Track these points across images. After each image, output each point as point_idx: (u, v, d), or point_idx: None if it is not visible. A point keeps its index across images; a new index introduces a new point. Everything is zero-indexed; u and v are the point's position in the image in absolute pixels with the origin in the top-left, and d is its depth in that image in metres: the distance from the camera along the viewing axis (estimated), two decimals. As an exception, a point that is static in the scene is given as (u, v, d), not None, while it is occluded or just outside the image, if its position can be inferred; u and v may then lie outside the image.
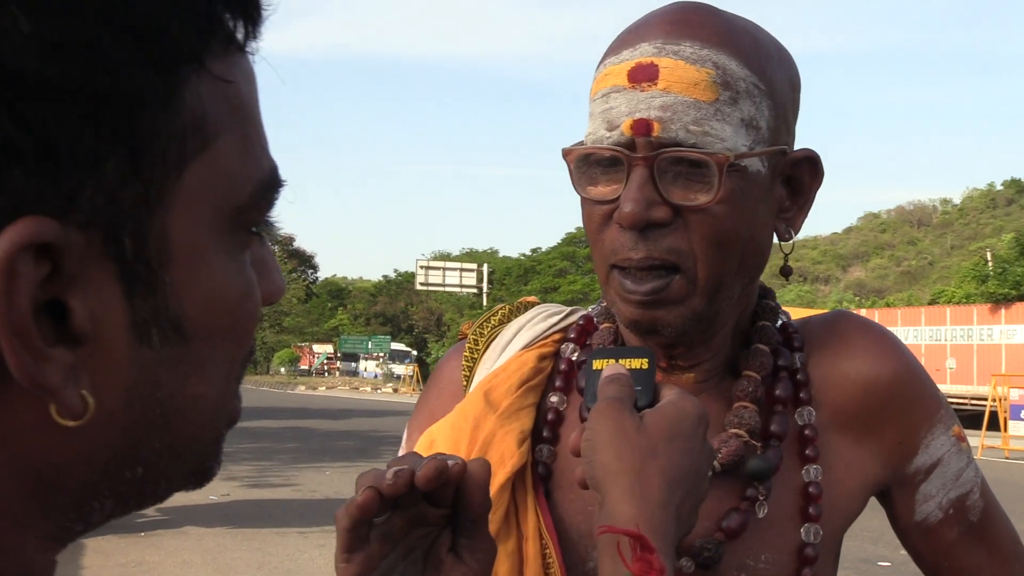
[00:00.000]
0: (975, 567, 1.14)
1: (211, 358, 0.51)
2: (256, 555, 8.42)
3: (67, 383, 0.44)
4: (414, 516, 0.85)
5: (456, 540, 0.85)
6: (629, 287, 1.00)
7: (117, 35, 0.44)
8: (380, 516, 0.84)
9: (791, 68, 1.07)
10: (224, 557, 8.33)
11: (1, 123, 0.41)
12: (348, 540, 0.83)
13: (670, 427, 0.89)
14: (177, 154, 0.47)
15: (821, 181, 1.09)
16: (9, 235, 0.41)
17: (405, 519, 0.85)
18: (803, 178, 1.08)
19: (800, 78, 1.09)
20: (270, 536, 9.12)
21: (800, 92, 1.09)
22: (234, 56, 0.51)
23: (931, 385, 1.15)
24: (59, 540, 0.50)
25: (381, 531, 0.84)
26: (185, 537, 9.00)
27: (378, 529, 0.84)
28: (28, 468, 0.46)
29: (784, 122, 1.04)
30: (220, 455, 0.55)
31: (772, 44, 1.05)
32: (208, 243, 0.49)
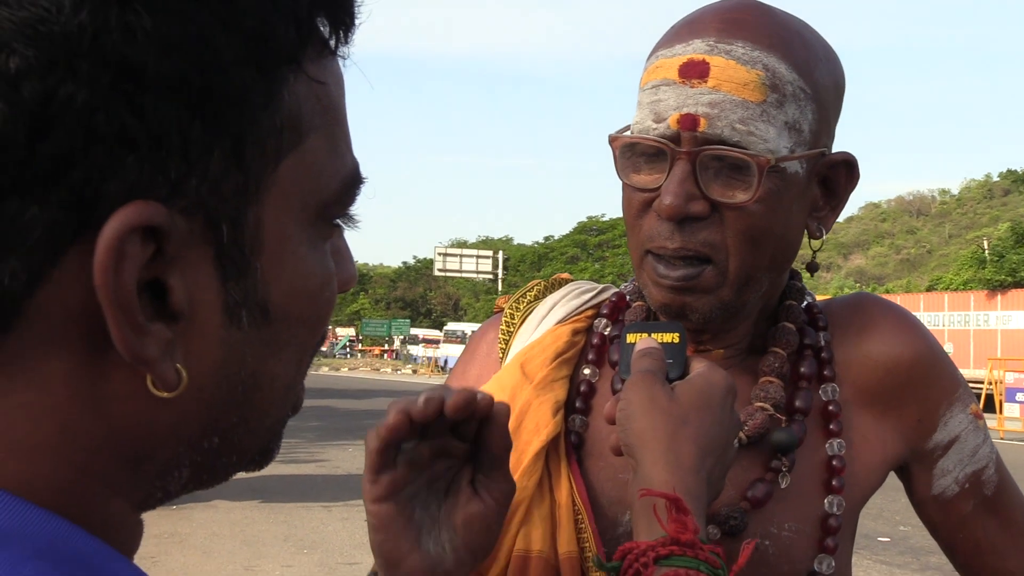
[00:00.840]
0: (989, 539, 1.13)
1: (289, 341, 0.52)
2: (282, 527, 8.46)
3: (164, 357, 0.45)
4: (439, 447, 0.85)
5: (476, 476, 0.86)
6: (662, 272, 0.99)
7: (228, 36, 0.45)
8: (408, 442, 0.84)
9: (837, 70, 1.06)
10: (252, 529, 8.38)
11: (120, 113, 0.42)
12: (375, 461, 0.84)
13: (700, 398, 0.90)
14: (274, 149, 0.48)
15: (856, 183, 1.08)
16: (120, 217, 0.42)
17: (431, 449, 0.85)
18: (839, 180, 1.07)
19: (845, 80, 1.08)
20: (295, 510, 9.17)
21: (844, 94, 1.08)
22: (327, 59, 0.52)
23: (950, 365, 1.14)
24: (142, 506, 0.51)
25: (407, 457, 0.84)
26: (215, 510, 9.06)
27: (405, 455, 0.84)
28: (123, 436, 0.47)
29: (826, 125, 1.04)
30: (280, 439, 0.57)
31: (821, 46, 1.04)
32: (295, 233, 0.50)
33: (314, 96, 0.50)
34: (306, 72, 0.49)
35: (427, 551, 0.84)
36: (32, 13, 0.41)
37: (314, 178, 0.51)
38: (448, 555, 0.84)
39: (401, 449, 0.84)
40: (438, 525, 0.85)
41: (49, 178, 0.42)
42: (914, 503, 1.16)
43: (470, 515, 0.85)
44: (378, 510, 0.83)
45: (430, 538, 0.84)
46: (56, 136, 0.41)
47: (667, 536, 0.81)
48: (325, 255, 0.54)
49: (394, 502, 0.83)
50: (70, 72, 0.41)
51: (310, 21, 0.49)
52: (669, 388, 0.90)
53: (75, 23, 0.41)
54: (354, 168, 0.54)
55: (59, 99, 0.41)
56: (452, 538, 0.85)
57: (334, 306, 0.55)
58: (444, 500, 0.86)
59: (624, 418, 0.89)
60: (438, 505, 0.86)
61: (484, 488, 0.86)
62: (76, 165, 0.42)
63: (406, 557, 0.83)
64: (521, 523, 1.01)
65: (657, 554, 0.80)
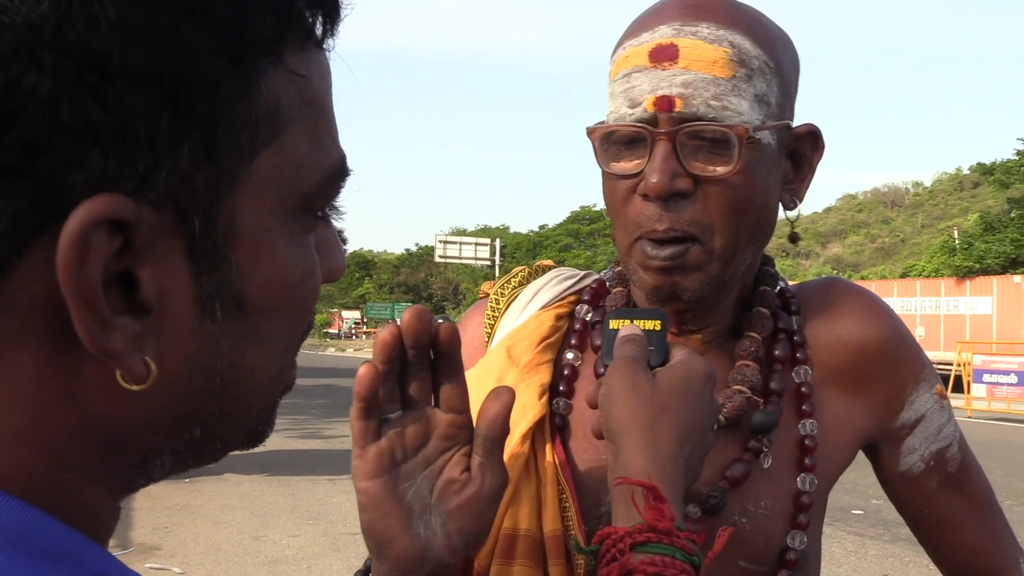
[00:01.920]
0: (952, 514, 1.13)
1: (270, 332, 0.50)
2: (289, 500, 8.48)
3: (131, 350, 0.44)
4: (424, 419, 0.82)
5: (472, 460, 0.83)
6: (650, 252, 0.98)
7: (199, 26, 0.43)
8: (391, 411, 0.81)
9: (793, 50, 1.05)
10: (260, 501, 8.40)
11: (85, 104, 0.40)
12: (360, 429, 0.80)
13: (680, 385, 0.88)
14: (249, 142, 0.46)
15: (822, 153, 1.08)
16: (84, 210, 0.41)
17: (416, 421, 0.82)
18: (805, 151, 1.07)
19: (799, 59, 1.08)
20: (302, 483, 9.19)
21: (800, 72, 1.08)
22: (311, 51, 0.50)
23: (916, 347, 1.14)
24: (123, 491, 0.50)
25: (393, 429, 0.81)
26: (225, 483, 9.08)
27: (390, 426, 0.81)
28: (96, 427, 0.45)
29: (788, 99, 1.03)
30: (273, 420, 0.55)
31: (776, 27, 1.04)
32: (273, 226, 0.48)
33: (295, 89, 0.48)
34: (286, 64, 0.47)
35: (417, 534, 0.80)
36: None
37: (294, 171, 0.49)
38: (439, 540, 0.80)
39: (386, 420, 0.81)
40: (430, 510, 0.81)
41: (13, 170, 0.40)
42: (881, 480, 1.16)
43: (464, 500, 0.81)
44: (367, 488, 0.80)
45: (421, 522, 0.81)
46: (20, 127, 0.40)
47: (644, 523, 0.80)
48: (307, 247, 0.52)
49: (383, 480, 0.80)
50: (33, 62, 0.39)
51: (290, 12, 0.47)
52: (651, 375, 0.89)
53: (37, 13, 0.39)
54: (339, 160, 0.52)
55: (22, 89, 0.39)
56: (444, 524, 0.81)
57: (318, 295, 0.53)
58: (437, 485, 0.82)
59: (606, 403, 0.88)
60: (431, 490, 0.82)
61: (480, 473, 0.82)
62: (41, 156, 0.40)
63: (396, 539, 0.79)
64: (509, 503, 1.00)
65: (634, 540, 0.79)
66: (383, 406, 0.81)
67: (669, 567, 0.78)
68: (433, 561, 0.80)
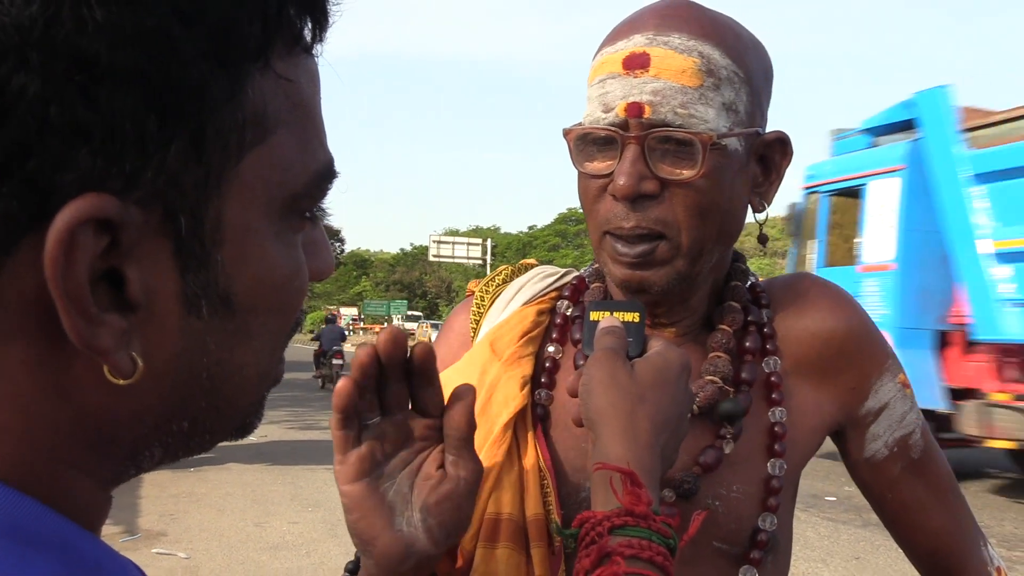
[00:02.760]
0: (915, 498, 1.13)
1: (258, 330, 0.49)
2: (289, 488, 8.48)
3: (118, 346, 0.43)
4: (402, 424, 0.82)
5: (445, 457, 0.82)
6: (621, 250, 0.99)
7: (187, 29, 0.42)
8: (371, 418, 0.81)
9: (765, 59, 1.05)
10: (262, 490, 8.39)
11: (73, 104, 0.39)
12: (340, 438, 0.80)
13: (657, 375, 0.88)
14: (237, 144, 0.45)
15: (791, 159, 1.07)
16: (71, 209, 0.40)
17: (395, 426, 0.82)
18: (774, 156, 1.06)
19: (773, 68, 1.07)
20: (302, 472, 9.18)
21: (772, 81, 1.07)
22: (299, 56, 0.49)
23: (880, 338, 1.14)
24: (113, 482, 0.49)
25: (373, 435, 0.81)
26: (228, 472, 9.06)
27: (369, 432, 0.81)
28: (87, 421, 0.45)
29: (759, 107, 1.03)
30: (261, 412, 0.54)
31: (749, 38, 1.03)
32: (260, 226, 0.47)
33: (283, 93, 0.47)
34: (274, 68, 0.46)
35: (400, 531, 0.80)
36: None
37: (281, 172, 0.48)
38: (421, 534, 0.80)
39: (366, 427, 0.81)
40: (410, 506, 0.81)
41: (2, 168, 0.39)
42: (848, 465, 1.16)
43: (441, 495, 0.81)
44: (350, 490, 0.80)
45: (403, 518, 0.80)
46: (9, 127, 0.39)
47: (622, 508, 0.80)
48: (294, 247, 0.51)
49: (365, 483, 0.80)
50: (22, 63, 0.38)
51: (279, 17, 0.46)
52: (629, 365, 0.89)
53: (26, 14, 0.38)
54: (326, 163, 0.51)
55: (11, 89, 0.38)
56: (425, 518, 0.80)
57: (304, 294, 0.52)
58: (416, 482, 0.82)
59: (586, 393, 0.88)
60: (410, 487, 0.82)
61: (453, 469, 0.81)
62: (30, 156, 0.39)
63: (379, 536, 0.79)
64: (492, 488, 1.00)
65: (612, 524, 0.79)
66: (363, 414, 0.81)
67: (646, 549, 0.78)
68: (417, 555, 0.80)
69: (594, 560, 0.78)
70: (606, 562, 0.78)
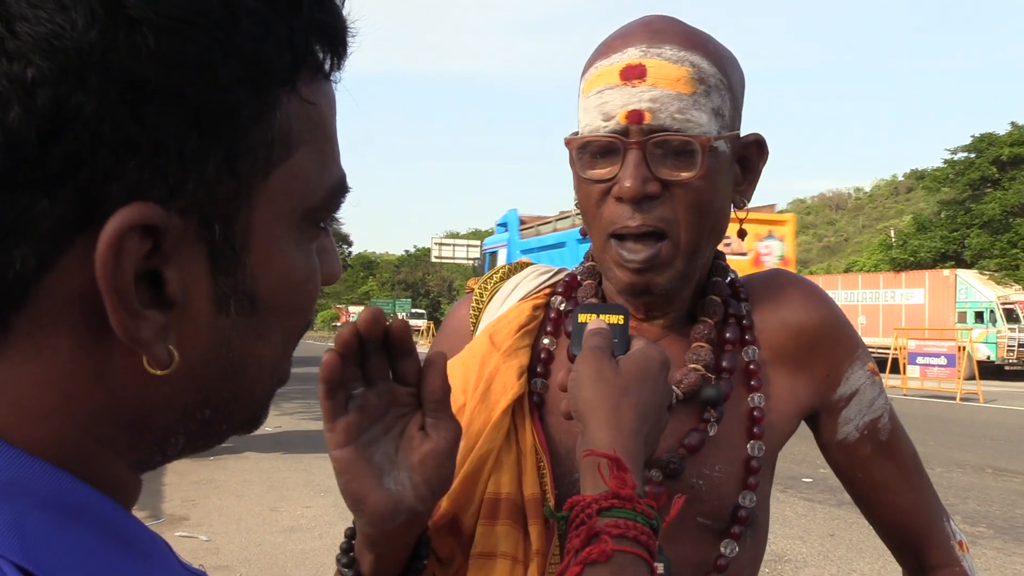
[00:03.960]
0: (883, 477, 1.14)
1: (275, 327, 0.50)
2: (303, 475, 8.46)
3: (157, 339, 0.44)
4: (385, 393, 0.82)
5: (425, 420, 0.82)
6: (627, 256, 0.99)
7: (226, 58, 0.43)
8: (356, 388, 0.81)
9: (740, 69, 1.06)
10: (277, 476, 8.38)
11: (124, 122, 0.41)
12: (328, 407, 0.80)
13: (640, 371, 0.89)
14: (265, 160, 0.46)
15: (766, 159, 1.08)
16: (121, 216, 0.41)
17: (378, 395, 0.82)
18: (752, 157, 1.07)
19: (745, 77, 1.08)
20: (314, 460, 9.16)
21: (745, 88, 1.08)
22: (320, 83, 0.50)
23: (851, 329, 1.14)
24: (141, 467, 0.50)
25: (358, 403, 0.81)
26: (246, 460, 9.05)
27: (355, 401, 0.81)
28: (123, 407, 0.46)
29: (738, 112, 1.04)
30: (268, 409, 0.55)
31: (725, 49, 1.04)
32: (283, 234, 0.49)
33: (305, 115, 0.49)
34: (299, 93, 0.48)
35: (388, 489, 0.80)
36: (49, 29, 0.39)
37: (302, 187, 0.49)
38: (408, 492, 0.80)
39: (351, 397, 0.81)
40: (397, 467, 0.81)
41: (59, 177, 0.40)
42: (821, 447, 1.16)
43: (424, 455, 0.81)
44: (340, 455, 0.80)
45: (390, 478, 0.81)
46: (66, 139, 0.40)
47: (609, 491, 0.81)
48: (310, 253, 0.52)
49: (353, 447, 0.80)
50: (80, 83, 0.40)
51: (305, 48, 0.48)
52: (615, 362, 0.89)
53: (87, 40, 0.40)
54: (340, 179, 0.52)
55: (70, 106, 0.40)
56: (411, 476, 0.80)
57: (317, 296, 0.54)
58: (400, 445, 0.82)
59: (575, 387, 0.88)
60: (395, 449, 0.82)
61: (433, 430, 0.81)
62: (83, 166, 0.40)
63: (369, 495, 0.80)
64: (492, 470, 1.00)
65: (600, 506, 0.80)
66: (348, 385, 0.81)
67: (631, 529, 0.79)
68: (406, 511, 0.80)
69: (583, 539, 0.79)
70: (595, 541, 0.78)
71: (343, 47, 0.51)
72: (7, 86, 0.39)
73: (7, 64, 0.39)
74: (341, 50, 0.50)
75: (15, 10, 0.39)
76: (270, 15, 0.45)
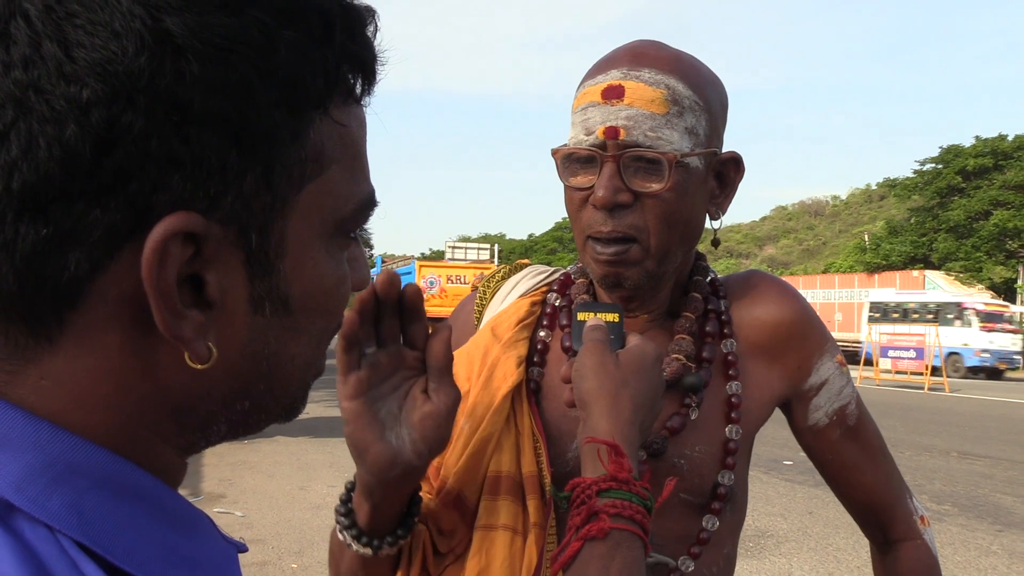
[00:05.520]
0: (851, 459, 1.14)
1: (308, 327, 0.50)
2: (328, 457, 8.48)
3: (197, 337, 0.44)
4: (395, 355, 0.82)
5: (428, 384, 0.82)
6: (599, 250, 1.00)
7: (264, 83, 0.43)
8: (369, 347, 0.82)
9: (722, 91, 1.05)
10: (305, 458, 8.39)
11: (170, 140, 0.41)
12: (344, 361, 0.81)
13: (637, 364, 0.89)
14: (299, 176, 0.46)
15: (743, 175, 1.07)
16: (165, 224, 0.41)
17: (388, 356, 0.82)
18: (729, 173, 1.07)
19: (728, 99, 1.07)
20: (339, 444, 9.17)
21: (728, 109, 1.07)
22: (351, 106, 0.50)
23: (820, 324, 1.14)
24: (187, 451, 0.50)
25: (370, 361, 0.81)
26: (277, 444, 9.07)
27: (368, 359, 0.81)
28: (168, 397, 0.46)
29: (716, 131, 1.03)
30: (306, 399, 0.55)
31: (708, 72, 1.04)
32: (314, 243, 0.49)
33: (337, 135, 0.48)
34: (331, 116, 0.48)
35: (389, 443, 0.81)
36: (103, 55, 0.40)
37: (333, 200, 0.49)
38: (407, 447, 0.81)
39: (364, 354, 0.81)
40: (399, 423, 0.81)
41: (110, 188, 0.41)
42: (794, 431, 1.16)
43: (424, 415, 0.81)
44: (349, 406, 0.81)
45: (392, 433, 0.81)
46: (117, 155, 0.40)
47: (608, 474, 0.81)
48: (341, 261, 0.52)
49: (362, 400, 0.80)
50: (130, 104, 0.40)
51: (337, 75, 0.47)
52: (614, 356, 0.90)
53: (136, 65, 0.40)
54: (369, 194, 0.52)
55: (121, 125, 0.40)
56: (411, 433, 0.81)
57: (347, 301, 0.53)
58: (403, 404, 0.82)
59: (578, 378, 0.89)
60: (399, 407, 0.82)
61: (435, 394, 0.82)
62: (132, 179, 0.41)
63: (371, 446, 0.80)
64: (493, 450, 1.01)
65: (599, 488, 0.80)
66: (363, 343, 0.81)
67: (627, 508, 0.79)
68: (402, 464, 0.81)
69: (584, 517, 0.79)
70: (594, 519, 0.79)
71: (372, 74, 0.50)
72: (64, 106, 0.40)
73: (65, 86, 0.40)
74: (370, 77, 0.50)
75: (73, 37, 0.40)
76: (305, 44, 0.45)
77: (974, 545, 5.80)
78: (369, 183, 0.53)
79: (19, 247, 0.41)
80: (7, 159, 0.40)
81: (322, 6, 0.46)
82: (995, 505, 6.95)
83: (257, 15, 0.43)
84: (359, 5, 0.49)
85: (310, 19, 0.45)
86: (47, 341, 0.43)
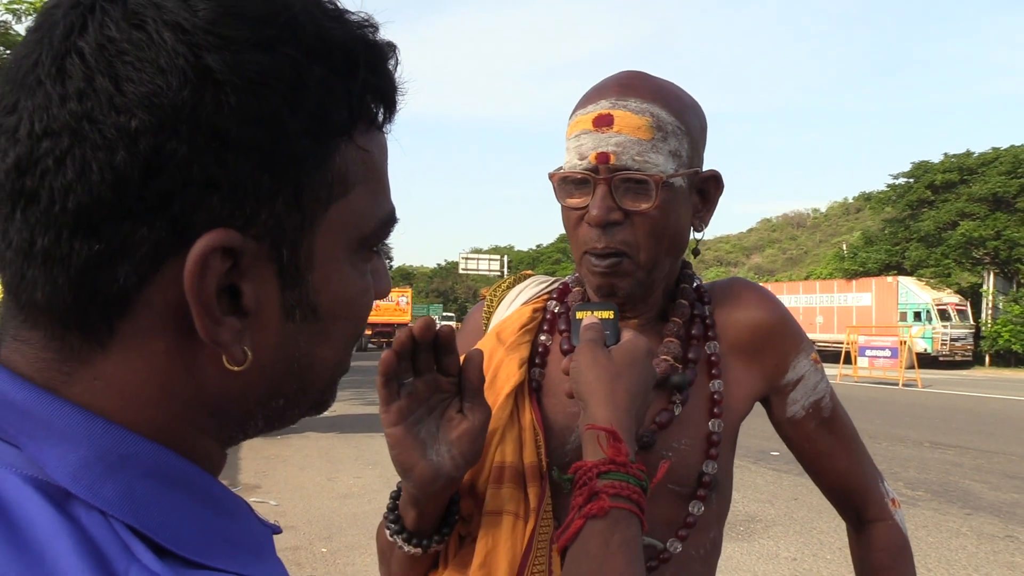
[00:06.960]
0: (827, 448, 1.14)
1: (335, 333, 0.50)
2: (354, 451, 8.49)
3: (234, 341, 0.44)
4: (431, 383, 0.85)
5: (462, 404, 0.86)
6: (595, 263, 1.00)
7: (294, 114, 0.44)
8: (406, 379, 0.84)
9: (701, 114, 1.06)
10: (333, 452, 8.41)
11: (208, 165, 0.41)
12: (384, 394, 0.84)
13: (630, 358, 0.89)
14: (325, 197, 0.47)
15: (722, 191, 1.08)
16: (205, 240, 0.42)
17: (424, 384, 0.85)
18: (710, 189, 1.07)
19: (707, 121, 1.08)
20: (364, 438, 9.19)
21: (707, 130, 1.08)
22: (374, 133, 0.50)
23: (796, 325, 1.14)
24: (227, 443, 0.50)
25: (407, 390, 0.84)
26: (307, 439, 9.08)
27: (406, 388, 0.84)
28: (208, 396, 0.46)
29: (697, 152, 1.04)
30: (335, 394, 0.55)
31: (688, 98, 1.04)
32: (340, 257, 0.49)
33: (360, 160, 0.49)
34: (355, 142, 0.48)
35: (431, 460, 0.84)
36: (150, 88, 0.40)
37: (357, 219, 0.49)
38: (447, 462, 0.85)
39: (402, 385, 0.84)
40: (438, 441, 0.85)
41: (156, 208, 0.41)
42: (774, 424, 1.16)
43: (461, 432, 0.84)
44: (392, 432, 0.84)
45: (432, 451, 0.85)
46: (163, 178, 0.41)
47: (607, 458, 0.82)
48: (365, 273, 0.52)
49: (403, 426, 0.84)
50: (174, 133, 0.41)
51: (361, 105, 0.48)
52: (608, 351, 0.90)
53: (180, 98, 0.41)
54: (390, 212, 0.53)
55: (166, 152, 0.41)
56: (449, 450, 0.85)
57: (371, 308, 0.54)
58: (441, 423, 0.86)
59: (576, 372, 0.89)
60: (437, 427, 0.86)
61: (469, 412, 0.85)
62: (175, 200, 0.41)
63: (416, 464, 0.84)
64: (498, 443, 1.01)
65: (599, 470, 0.81)
66: (401, 375, 0.84)
67: (624, 489, 0.80)
68: (444, 477, 0.85)
69: (585, 497, 0.80)
70: (595, 499, 0.79)
71: (393, 105, 0.50)
72: (115, 134, 0.40)
73: (115, 116, 0.40)
74: (391, 107, 0.51)
75: (123, 73, 0.41)
76: (332, 78, 0.45)
77: (945, 528, 5.76)
78: (390, 202, 0.53)
79: (73, 261, 0.41)
80: (63, 182, 0.41)
81: (347, 44, 0.47)
82: (964, 491, 6.90)
83: (288, 52, 0.44)
84: (381, 41, 0.50)
85: (336, 56, 0.46)
86: (99, 346, 0.43)
